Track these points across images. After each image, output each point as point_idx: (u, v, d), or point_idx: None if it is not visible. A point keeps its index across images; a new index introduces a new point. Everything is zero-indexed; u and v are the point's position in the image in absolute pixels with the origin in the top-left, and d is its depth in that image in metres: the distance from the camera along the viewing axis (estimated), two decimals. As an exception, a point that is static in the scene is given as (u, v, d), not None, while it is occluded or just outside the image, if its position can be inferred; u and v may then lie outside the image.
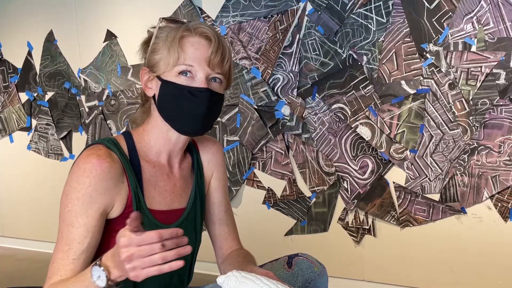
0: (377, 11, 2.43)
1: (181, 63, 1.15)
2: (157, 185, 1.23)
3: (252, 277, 1.05)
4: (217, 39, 1.17)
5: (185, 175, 1.30)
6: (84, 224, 1.11)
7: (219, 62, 1.17)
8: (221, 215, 1.39)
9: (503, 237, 2.25)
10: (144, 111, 1.27)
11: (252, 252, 1.38)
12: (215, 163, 1.38)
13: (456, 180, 2.33)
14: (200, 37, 1.17)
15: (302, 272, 1.26)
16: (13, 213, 3.88)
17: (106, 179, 1.12)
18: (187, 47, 1.16)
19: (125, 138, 1.23)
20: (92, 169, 1.10)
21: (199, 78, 1.16)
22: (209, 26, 1.20)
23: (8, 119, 3.83)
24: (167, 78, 1.16)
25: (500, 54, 2.18)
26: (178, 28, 1.18)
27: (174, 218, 1.26)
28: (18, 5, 3.67)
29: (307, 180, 2.69)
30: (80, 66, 3.42)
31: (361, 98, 2.50)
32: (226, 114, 2.88)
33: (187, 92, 1.15)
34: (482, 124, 2.24)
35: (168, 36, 1.17)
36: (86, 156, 1.13)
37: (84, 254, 1.12)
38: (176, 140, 1.24)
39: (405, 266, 2.50)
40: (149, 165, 1.23)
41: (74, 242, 1.11)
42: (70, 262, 1.11)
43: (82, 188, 1.10)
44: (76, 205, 1.11)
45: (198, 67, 1.15)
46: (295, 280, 1.25)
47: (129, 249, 0.92)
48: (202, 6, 2.91)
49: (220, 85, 1.21)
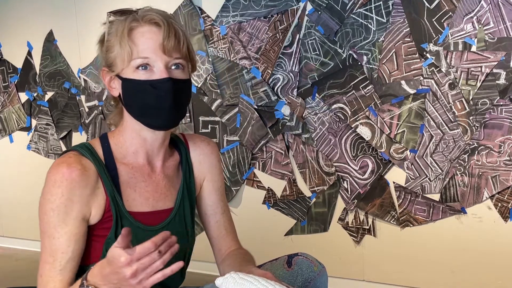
0: (377, 11, 2.42)
1: (135, 57, 1.10)
2: (137, 186, 1.20)
3: (250, 278, 1.04)
4: (166, 23, 1.11)
5: (170, 174, 1.26)
6: (65, 233, 1.11)
7: (174, 46, 1.11)
8: (218, 217, 1.36)
9: (503, 237, 2.25)
10: (117, 112, 1.23)
11: (252, 252, 1.38)
12: (208, 164, 1.34)
13: (456, 180, 2.33)
14: (150, 24, 1.11)
15: (301, 271, 1.26)
16: (12, 213, 3.88)
17: (79, 187, 1.11)
18: (137, 38, 1.10)
19: (100, 141, 1.20)
20: (62, 179, 1.09)
21: (158, 68, 1.10)
22: (157, 11, 1.14)
23: (8, 119, 3.83)
24: (126, 75, 1.12)
25: (500, 54, 2.18)
26: (126, 20, 1.12)
27: (160, 219, 1.23)
28: (18, 5, 3.67)
29: (307, 180, 2.69)
30: (80, 66, 3.42)
31: (361, 98, 2.50)
32: (226, 114, 2.88)
33: (149, 86, 1.10)
34: (482, 124, 2.24)
35: (117, 31, 1.12)
36: (56, 166, 1.11)
37: (70, 263, 1.12)
38: (152, 138, 1.19)
39: (405, 266, 2.50)
40: (126, 167, 1.19)
41: (57, 252, 1.11)
42: (57, 273, 1.11)
43: (55, 199, 1.10)
44: (52, 216, 1.11)
45: (155, 57, 1.10)
46: (295, 280, 1.25)
47: (131, 266, 0.93)
48: (202, 6, 2.91)
49: (182, 71, 1.15)
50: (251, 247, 1.43)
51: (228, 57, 2.84)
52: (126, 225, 1.16)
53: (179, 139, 1.33)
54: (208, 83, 2.92)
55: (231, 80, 2.84)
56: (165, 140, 1.23)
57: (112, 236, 1.16)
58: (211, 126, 2.95)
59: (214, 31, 2.87)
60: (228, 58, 2.84)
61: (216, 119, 2.92)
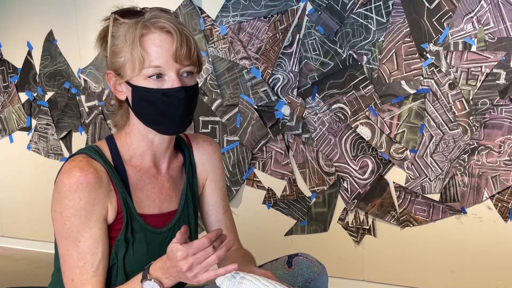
0: (377, 11, 2.42)
1: (147, 66, 1.09)
2: (145, 188, 1.21)
3: (251, 278, 1.05)
4: (178, 32, 1.10)
5: (175, 176, 1.27)
6: (90, 236, 1.11)
7: (186, 54, 1.10)
8: (220, 217, 1.36)
9: (503, 237, 2.25)
10: (122, 113, 1.22)
11: (252, 252, 1.38)
12: (211, 164, 1.34)
13: (456, 180, 2.33)
14: (161, 32, 1.10)
15: (302, 272, 1.26)
16: (12, 213, 3.88)
17: (95, 190, 1.11)
18: (149, 46, 1.09)
19: (107, 143, 1.20)
20: (78, 183, 1.09)
21: (170, 77, 1.10)
22: (167, 17, 1.13)
23: (8, 119, 3.83)
24: (136, 83, 1.11)
25: (500, 54, 2.18)
26: (136, 25, 1.10)
27: (166, 221, 1.24)
28: (18, 5, 3.67)
29: (307, 180, 2.69)
30: (80, 66, 3.42)
31: (361, 98, 2.50)
32: (226, 114, 2.88)
33: (162, 95, 1.10)
34: (482, 124, 2.24)
35: (127, 37, 1.10)
36: (69, 171, 1.11)
37: (102, 263, 1.13)
38: (159, 141, 1.20)
39: (405, 266, 2.50)
40: (134, 169, 1.20)
41: (87, 255, 1.11)
42: (92, 276, 1.11)
43: (74, 204, 1.09)
44: (74, 222, 1.10)
45: (166, 66, 1.09)
46: (295, 280, 1.25)
47: (187, 260, 1.00)
48: (202, 6, 2.91)
49: (192, 77, 1.15)
50: (251, 247, 1.43)
51: (228, 57, 2.84)
52: (136, 227, 1.17)
53: (182, 139, 1.33)
54: (208, 83, 2.92)
55: (231, 80, 2.84)
56: (171, 143, 1.24)
57: (121, 238, 1.16)
58: (211, 126, 2.95)
59: (214, 31, 2.87)
60: (228, 58, 2.84)
61: (216, 119, 2.93)
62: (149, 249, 1.19)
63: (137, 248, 1.18)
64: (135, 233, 1.18)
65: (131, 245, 1.17)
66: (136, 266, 1.17)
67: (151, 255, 1.17)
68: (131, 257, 1.18)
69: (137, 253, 1.18)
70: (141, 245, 1.18)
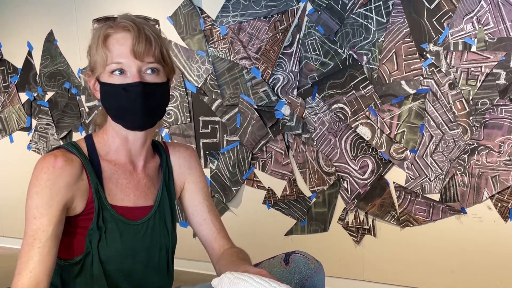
0: (377, 11, 2.43)
1: (109, 62, 1.17)
2: (119, 182, 1.26)
3: (245, 277, 1.06)
4: (136, 28, 1.17)
5: (151, 175, 1.32)
6: (47, 214, 1.14)
7: (145, 51, 1.16)
8: (205, 216, 1.39)
9: (503, 237, 2.25)
10: (102, 112, 1.30)
11: (252, 252, 1.38)
12: (188, 167, 1.40)
13: (456, 180, 2.33)
14: (123, 30, 1.17)
15: (298, 269, 1.26)
16: (13, 213, 3.88)
17: (64, 175, 1.15)
18: (112, 44, 1.17)
19: (85, 140, 1.28)
20: (49, 166, 1.15)
21: (131, 73, 1.17)
22: (132, 17, 1.21)
23: (8, 119, 3.83)
24: (103, 79, 1.19)
25: (500, 54, 2.18)
26: (103, 27, 1.19)
27: (141, 215, 1.28)
28: (18, 5, 3.67)
29: (307, 180, 2.69)
30: (80, 66, 3.42)
31: (361, 98, 2.50)
32: (226, 114, 2.88)
33: (121, 89, 1.17)
34: (482, 124, 2.24)
35: (95, 37, 1.19)
36: (43, 158, 1.18)
37: (49, 241, 1.14)
38: (133, 138, 1.25)
39: (405, 266, 2.50)
40: (109, 163, 1.26)
41: (38, 231, 1.13)
42: (36, 252, 1.12)
43: (40, 183, 1.14)
44: (35, 199, 1.14)
45: (127, 62, 1.16)
46: (292, 277, 1.25)
47: None
48: (202, 6, 2.91)
49: (157, 75, 1.20)
50: (251, 247, 1.43)
51: (228, 57, 2.84)
52: (107, 216, 1.22)
53: (160, 144, 1.40)
54: (208, 83, 2.92)
55: (231, 80, 2.85)
56: (147, 141, 1.29)
57: (94, 227, 1.21)
58: (211, 126, 2.95)
59: (214, 31, 2.87)
60: (228, 58, 2.84)
61: (216, 119, 2.93)
62: (122, 238, 1.24)
63: (110, 237, 1.22)
64: (107, 223, 1.22)
65: (103, 234, 1.22)
66: (110, 253, 1.23)
67: (125, 244, 1.24)
68: (105, 245, 1.22)
69: (111, 241, 1.23)
70: (114, 234, 1.23)
